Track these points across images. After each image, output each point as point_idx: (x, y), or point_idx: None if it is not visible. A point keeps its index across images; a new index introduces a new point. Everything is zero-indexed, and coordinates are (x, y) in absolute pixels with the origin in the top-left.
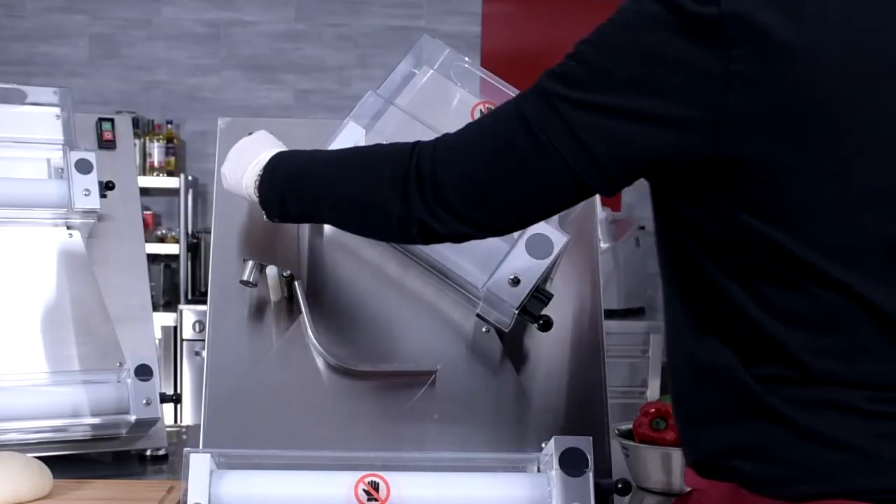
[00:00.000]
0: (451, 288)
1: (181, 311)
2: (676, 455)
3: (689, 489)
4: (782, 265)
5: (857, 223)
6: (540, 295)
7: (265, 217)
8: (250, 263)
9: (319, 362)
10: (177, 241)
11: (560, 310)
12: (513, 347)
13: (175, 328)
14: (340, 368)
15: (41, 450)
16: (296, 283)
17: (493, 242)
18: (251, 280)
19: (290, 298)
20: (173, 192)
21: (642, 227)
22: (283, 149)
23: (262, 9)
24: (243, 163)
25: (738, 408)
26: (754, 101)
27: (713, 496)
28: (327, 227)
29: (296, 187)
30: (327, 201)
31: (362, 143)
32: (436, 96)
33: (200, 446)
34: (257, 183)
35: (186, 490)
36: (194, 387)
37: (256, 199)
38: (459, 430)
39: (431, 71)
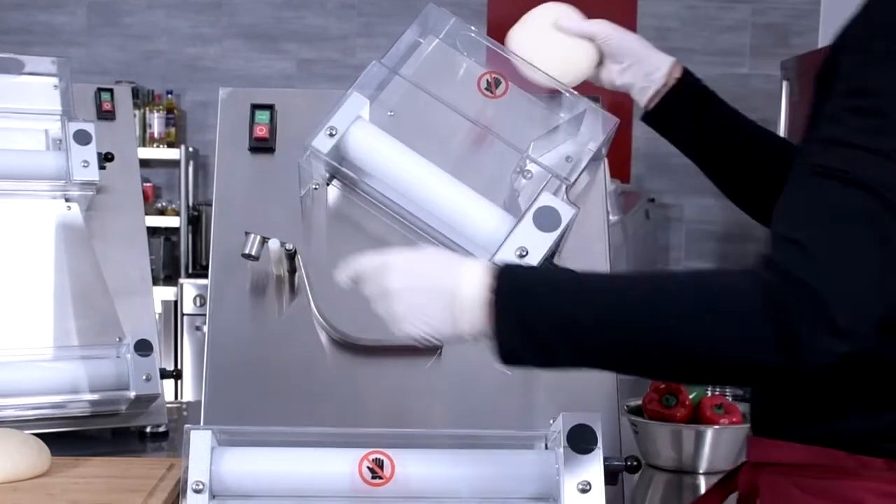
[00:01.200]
0: None
1: (182, 285)
2: (686, 432)
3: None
4: None
5: None
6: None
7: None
8: (252, 236)
9: (323, 337)
10: (177, 213)
11: None
12: None
13: (175, 302)
14: (344, 343)
15: (39, 426)
16: (298, 257)
17: (499, 214)
18: (253, 253)
19: (293, 272)
20: (174, 164)
21: (652, 200)
22: (461, 261)
23: None
24: (434, 302)
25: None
26: None
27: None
28: (331, 199)
29: (576, 338)
30: (642, 356)
31: (366, 115)
32: (441, 66)
33: (201, 423)
34: (489, 328)
35: (187, 468)
36: (195, 362)
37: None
38: (465, 407)
39: (437, 40)
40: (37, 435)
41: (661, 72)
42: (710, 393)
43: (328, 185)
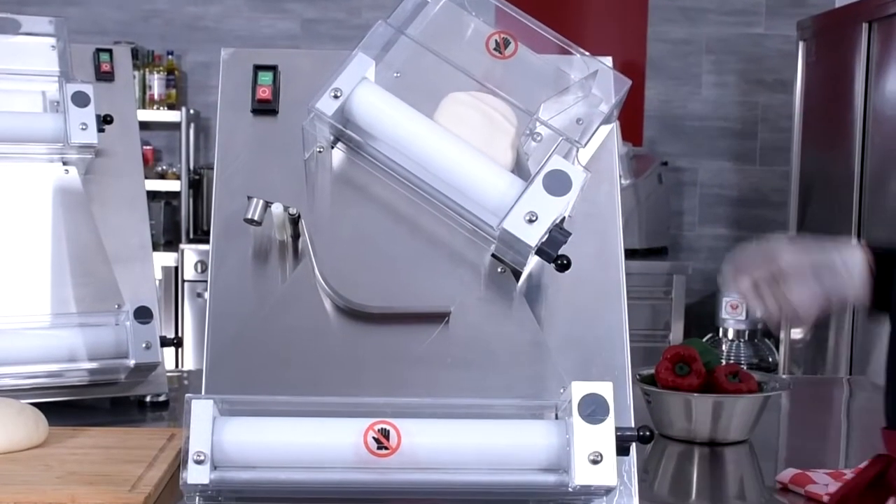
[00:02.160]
0: (466, 226)
1: (182, 251)
2: (699, 401)
3: None
4: None
5: None
6: (558, 233)
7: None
8: (255, 201)
9: (327, 304)
10: (178, 177)
11: (578, 249)
12: (529, 289)
13: (176, 268)
14: (349, 311)
15: (36, 396)
16: (302, 222)
17: (508, 178)
18: (256, 218)
19: (297, 237)
20: (174, 127)
21: (665, 163)
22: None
23: None
24: (825, 272)
25: None
26: None
27: None
28: (335, 163)
29: None
30: None
31: (371, 76)
32: (449, 26)
33: (203, 392)
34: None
35: (188, 438)
36: (196, 330)
37: None
38: (473, 376)
39: None
40: (34, 404)
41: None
42: (724, 361)
43: (332, 147)
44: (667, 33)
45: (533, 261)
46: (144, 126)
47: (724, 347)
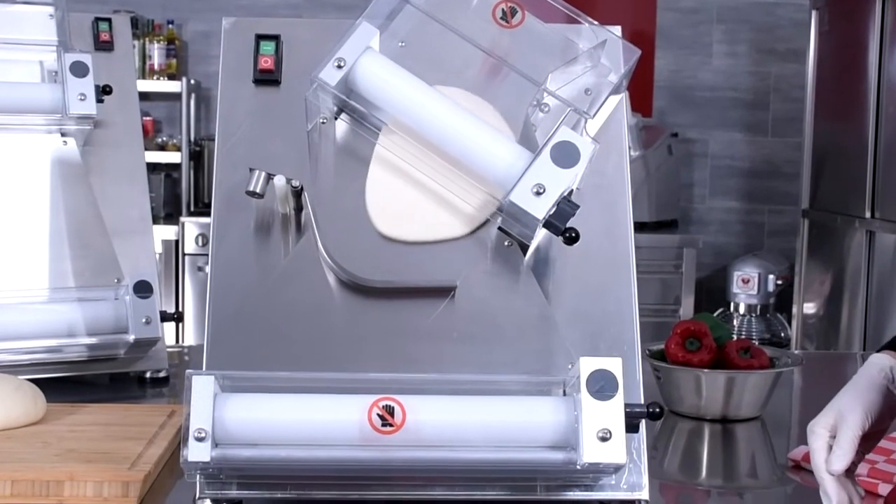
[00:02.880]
0: (472, 199)
1: (183, 224)
2: (710, 377)
3: None
4: None
5: None
6: (566, 206)
7: None
8: (257, 173)
9: (331, 278)
10: (178, 148)
11: (587, 222)
12: (537, 262)
13: (176, 242)
14: (353, 285)
15: (33, 372)
16: (305, 195)
17: (515, 150)
18: (258, 191)
19: (299, 210)
20: (174, 97)
21: (675, 134)
22: None
23: None
24: None
25: None
26: None
27: None
28: (339, 134)
29: None
30: None
31: (376, 46)
32: None
33: (204, 368)
34: None
35: (188, 415)
36: (197, 304)
37: None
38: (480, 351)
39: None
40: (31, 380)
41: None
42: (735, 336)
43: (336, 119)
44: (677, 2)
45: (540, 234)
46: (144, 97)
47: (735, 322)
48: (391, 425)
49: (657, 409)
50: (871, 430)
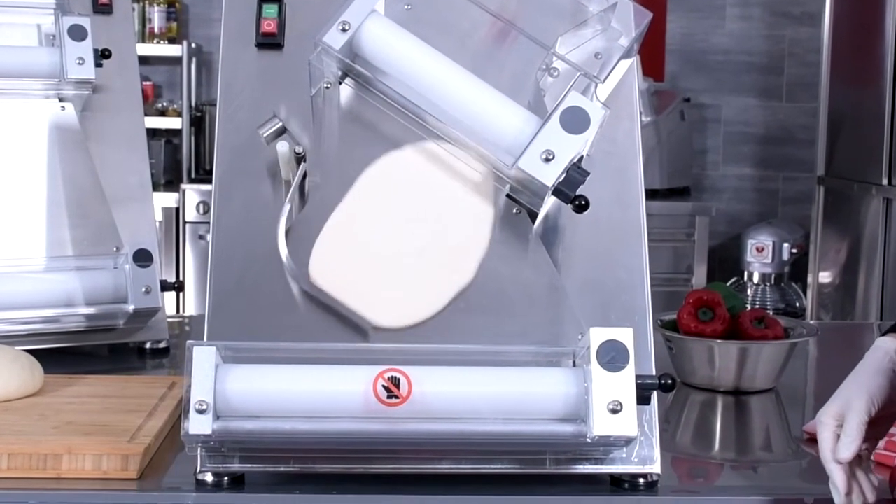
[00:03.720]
0: (479, 166)
1: (184, 191)
2: (723, 348)
3: None
4: None
5: None
6: (576, 173)
7: None
8: (275, 120)
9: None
10: (179, 114)
11: (597, 189)
12: (546, 230)
13: (177, 209)
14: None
15: (31, 342)
16: (309, 160)
17: (524, 115)
18: (266, 134)
19: (304, 176)
20: (175, 61)
21: (687, 99)
22: None
23: None
24: None
25: None
26: None
27: None
28: (343, 99)
29: None
30: None
31: (381, 8)
32: None
33: (205, 338)
34: None
35: (189, 387)
36: (198, 274)
37: None
38: (487, 321)
39: None
40: (28, 351)
41: None
42: (749, 306)
43: (340, 83)
44: None
45: (549, 201)
46: (144, 61)
47: (749, 292)
48: (397, 397)
49: (669, 381)
50: (879, 415)
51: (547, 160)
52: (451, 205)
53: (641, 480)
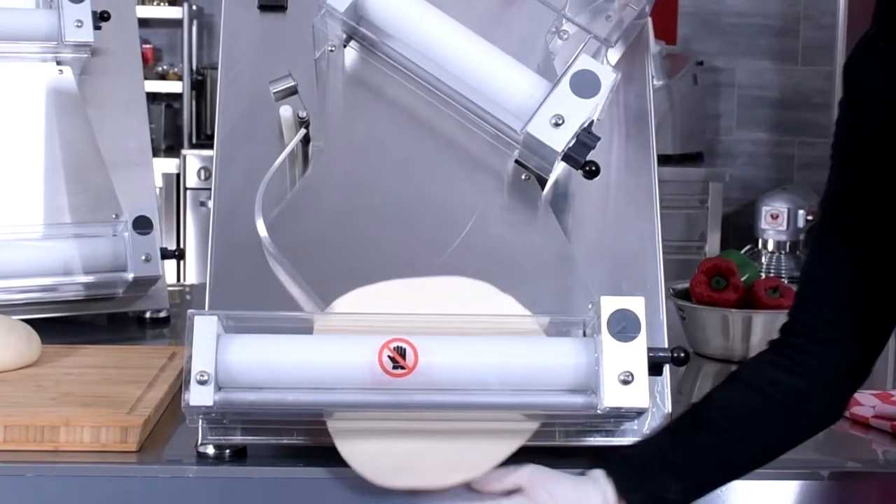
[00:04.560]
0: (487, 130)
1: (184, 157)
2: (737, 318)
3: None
4: None
5: None
6: (586, 138)
7: None
8: (289, 79)
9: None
10: (180, 78)
11: (608, 155)
12: (555, 197)
13: (177, 175)
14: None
15: (28, 312)
16: (313, 125)
17: (533, 79)
18: (277, 90)
19: (307, 142)
20: (175, 24)
21: (700, 63)
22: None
23: None
24: None
25: None
26: None
27: None
28: (348, 63)
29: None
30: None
31: None
32: None
33: (206, 307)
34: None
35: (190, 357)
36: (199, 241)
37: None
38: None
39: None
40: (25, 321)
41: None
42: (763, 274)
43: (345, 46)
44: None
45: (559, 167)
46: (144, 23)
47: (763, 260)
48: (403, 368)
49: (682, 354)
50: None
51: (556, 125)
52: None
53: None
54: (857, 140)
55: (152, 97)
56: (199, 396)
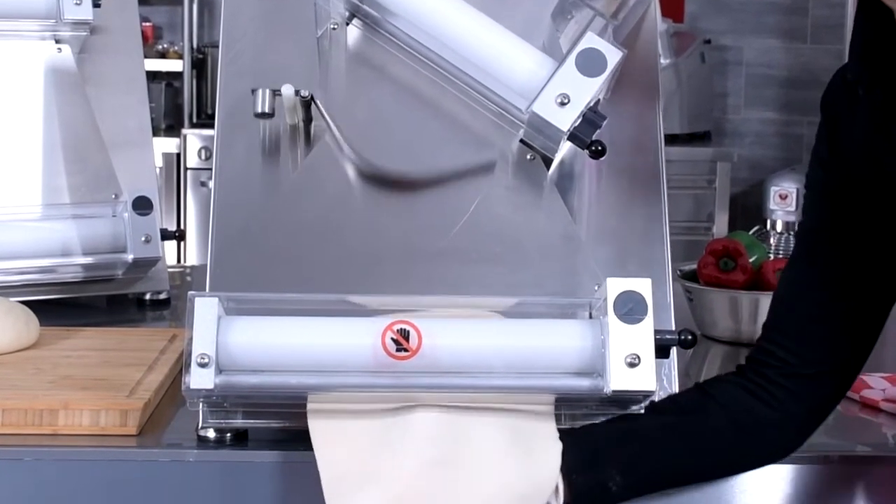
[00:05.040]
0: (491, 110)
1: (185, 136)
2: (746, 299)
3: None
4: None
5: None
6: (592, 117)
7: None
8: (261, 92)
9: (346, 184)
10: (180, 56)
11: (614, 134)
12: (561, 177)
13: (178, 155)
14: (368, 179)
15: (26, 293)
16: (316, 103)
17: (538, 57)
18: (267, 111)
19: (309, 122)
20: (176, 1)
21: (708, 41)
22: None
23: None
24: None
25: None
26: None
27: None
28: (350, 41)
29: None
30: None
31: None
32: None
33: (207, 289)
34: None
35: (191, 339)
36: (200, 222)
37: None
38: (500, 272)
39: None
40: (24, 303)
41: None
42: (772, 255)
43: (348, 24)
44: None
45: (565, 147)
46: (143, 1)
47: (772, 241)
48: (406, 350)
49: (689, 337)
50: None
51: (562, 104)
52: None
53: None
54: (838, 175)
55: (152, 76)
56: (200, 379)
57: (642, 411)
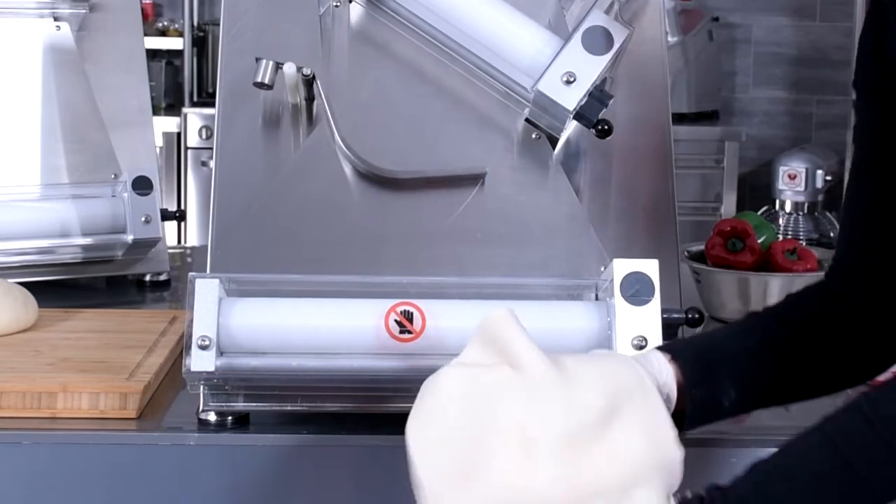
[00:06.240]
0: (496, 88)
1: (185, 115)
2: (754, 281)
3: None
4: None
5: None
6: (598, 96)
7: None
8: (264, 62)
9: (346, 172)
10: (180, 34)
11: (621, 113)
12: (567, 157)
13: (178, 135)
14: (370, 179)
15: (24, 274)
16: (318, 83)
17: (544, 35)
18: (266, 82)
19: (311, 100)
20: None
21: (716, 18)
22: None
23: None
24: None
25: None
26: None
27: None
28: (353, 18)
29: None
30: None
31: None
32: None
33: (208, 271)
34: None
35: (191, 321)
36: (200, 202)
37: None
38: (505, 252)
39: None
40: (22, 284)
41: None
42: (781, 236)
43: (350, 2)
44: None
45: (571, 126)
46: None
47: (781, 221)
48: (410, 332)
49: (696, 315)
50: None
51: (568, 83)
52: None
53: None
54: (880, 71)
55: (152, 54)
56: (201, 362)
57: None
